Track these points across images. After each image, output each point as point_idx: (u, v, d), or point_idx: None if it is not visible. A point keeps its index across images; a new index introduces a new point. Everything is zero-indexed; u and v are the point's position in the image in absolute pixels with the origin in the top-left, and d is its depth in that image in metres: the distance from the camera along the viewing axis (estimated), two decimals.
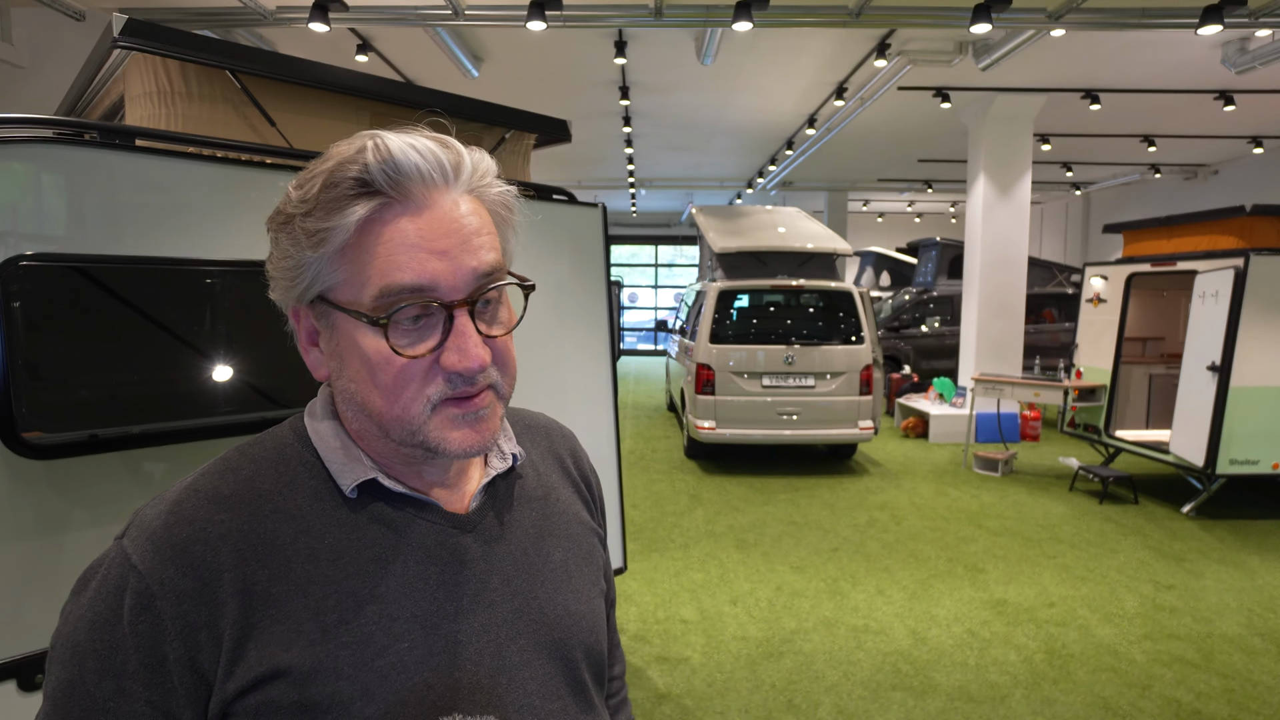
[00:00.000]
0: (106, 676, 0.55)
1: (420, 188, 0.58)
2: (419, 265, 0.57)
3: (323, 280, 0.59)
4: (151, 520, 0.59)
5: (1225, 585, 4.06)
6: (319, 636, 0.58)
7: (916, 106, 8.11)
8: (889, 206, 16.51)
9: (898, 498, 5.77)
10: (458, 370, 0.58)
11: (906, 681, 3.06)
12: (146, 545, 0.57)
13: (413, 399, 0.59)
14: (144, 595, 0.55)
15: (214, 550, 0.58)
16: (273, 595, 0.58)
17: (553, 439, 0.83)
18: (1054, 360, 8.07)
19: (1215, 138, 9.64)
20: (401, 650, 0.60)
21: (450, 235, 0.58)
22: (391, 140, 0.57)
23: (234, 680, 0.56)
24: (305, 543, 0.60)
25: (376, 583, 0.61)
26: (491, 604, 0.65)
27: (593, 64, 6.89)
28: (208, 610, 0.56)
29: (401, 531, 0.63)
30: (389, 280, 0.56)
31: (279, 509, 0.61)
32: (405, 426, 0.60)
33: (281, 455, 0.64)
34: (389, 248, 0.57)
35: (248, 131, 1.76)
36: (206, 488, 0.61)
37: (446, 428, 0.60)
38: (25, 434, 1.23)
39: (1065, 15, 5.00)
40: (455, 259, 0.58)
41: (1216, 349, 5.00)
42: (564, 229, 2.42)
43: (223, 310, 1.50)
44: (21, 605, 1.29)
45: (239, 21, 5.26)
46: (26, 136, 1.31)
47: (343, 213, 0.56)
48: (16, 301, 1.22)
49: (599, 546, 0.81)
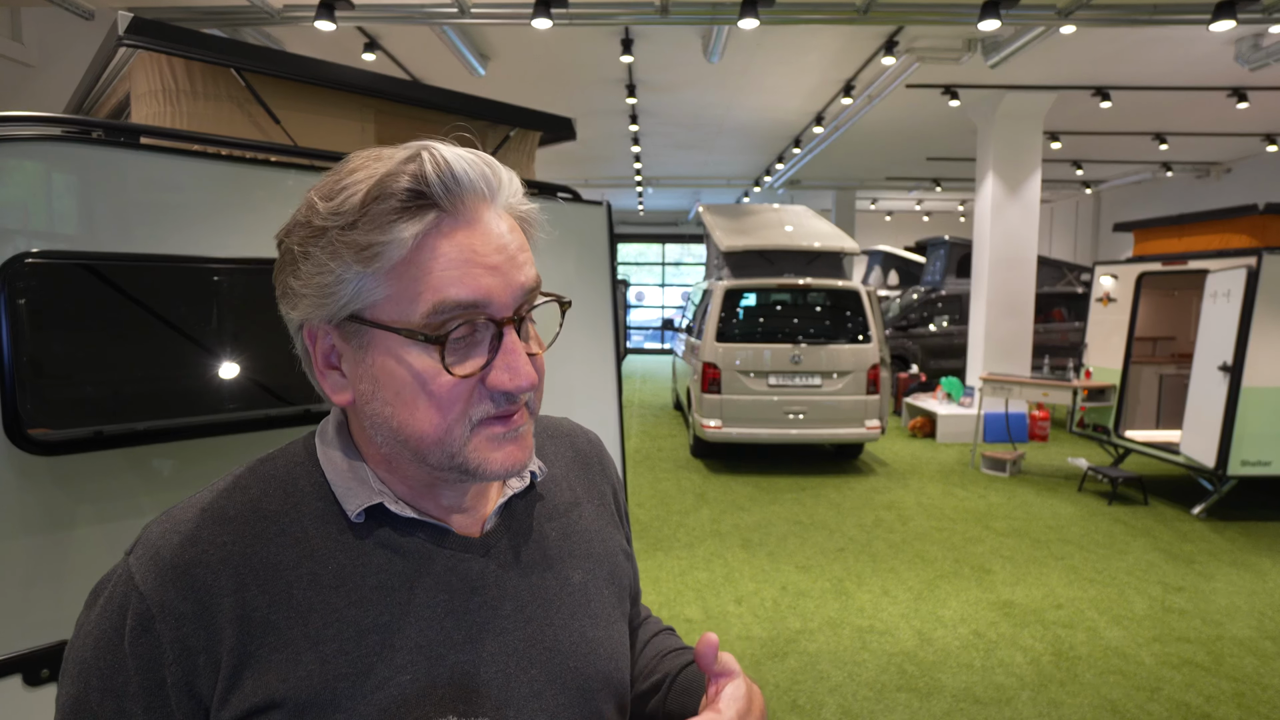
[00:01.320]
0: (109, 696, 0.55)
1: (473, 201, 0.56)
2: (474, 281, 0.55)
3: (362, 298, 0.55)
4: (157, 539, 0.58)
5: (1236, 588, 4.03)
6: (317, 667, 0.56)
7: (925, 104, 8.07)
8: (897, 205, 16.43)
9: (904, 498, 5.75)
10: (508, 389, 0.56)
11: (912, 683, 3.04)
12: (150, 565, 0.56)
13: (457, 420, 0.57)
14: (144, 617, 0.55)
15: (215, 574, 0.57)
16: (271, 622, 0.57)
17: (577, 446, 0.80)
18: (1063, 360, 8.03)
19: (1228, 135, 9.54)
20: (404, 683, 0.58)
21: (500, 251, 0.56)
22: (447, 151, 0.56)
23: (229, 709, 0.55)
24: (308, 568, 0.59)
25: (380, 611, 0.59)
26: (502, 632, 0.63)
27: (599, 62, 6.88)
28: (206, 635, 0.55)
29: (409, 557, 0.61)
30: (443, 296, 0.54)
31: (284, 532, 0.59)
32: (445, 449, 0.57)
33: (291, 475, 0.63)
34: (443, 263, 0.54)
35: (253, 129, 1.76)
36: (213, 507, 0.60)
37: (487, 448, 0.58)
38: (31, 430, 1.24)
39: (1075, 12, 4.96)
40: (506, 275, 0.56)
41: (1228, 349, 4.95)
42: (568, 227, 2.42)
43: (226, 307, 1.50)
44: (27, 600, 1.30)
45: (246, 20, 5.28)
46: (33, 134, 1.31)
47: (397, 226, 0.53)
48: (22, 298, 1.23)
49: (624, 563, 0.77)
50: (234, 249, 1.50)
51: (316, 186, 0.58)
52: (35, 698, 1.27)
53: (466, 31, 6.06)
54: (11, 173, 1.29)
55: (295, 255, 0.57)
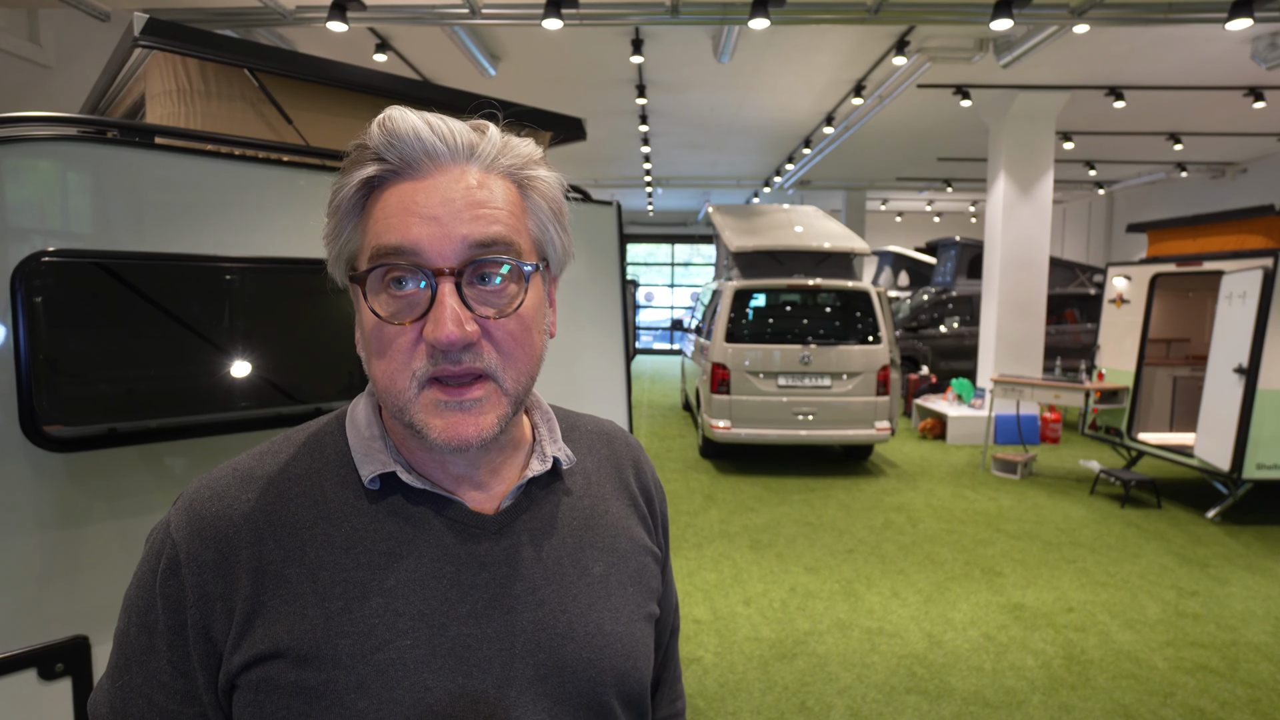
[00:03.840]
0: (143, 631, 0.60)
1: (425, 159, 0.58)
2: (405, 229, 0.57)
3: (347, 249, 0.62)
4: (193, 493, 0.63)
5: (1251, 592, 3.98)
6: (321, 622, 0.59)
7: (936, 104, 8.03)
8: (908, 205, 16.35)
9: (914, 499, 5.72)
10: (430, 340, 0.56)
11: (921, 685, 3.03)
12: (184, 516, 0.62)
13: (399, 370, 0.58)
14: (173, 562, 0.60)
15: (236, 527, 0.61)
16: (284, 576, 0.60)
17: (614, 447, 0.79)
18: (1075, 361, 7.96)
19: (1244, 135, 9.44)
20: (403, 647, 0.59)
21: (446, 204, 0.57)
22: (398, 112, 0.59)
23: (239, 654, 0.58)
24: (323, 529, 0.62)
25: (385, 576, 0.61)
26: (511, 610, 0.63)
27: (610, 62, 6.89)
28: (224, 583, 0.59)
29: (418, 526, 0.63)
30: (378, 241, 0.58)
31: (305, 493, 0.63)
32: (396, 401, 0.59)
33: (320, 442, 0.66)
34: (384, 211, 0.58)
35: (265, 129, 1.77)
36: (244, 467, 0.64)
37: (430, 412, 0.58)
38: (46, 427, 1.25)
39: (1088, 11, 4.91)
40: (445, 225, 0.56)
41: (1243, 351, 4.89)
42: (578, 227, 2.42)
43: (239, 306, 1.51)
44: (41, 596, 1.31)
45: (259, 21, 5.32)
46: (49, 135, 1.33)
47: (348, 174, 0.60)
48: (38, 297, 1.24)
49: (652, 566, 0.75)
50: (247, 248, 1.51)
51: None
52: (49, 692, 1.28)
53: (477, 32, 6.08)
54: (28, 172, 1.30)
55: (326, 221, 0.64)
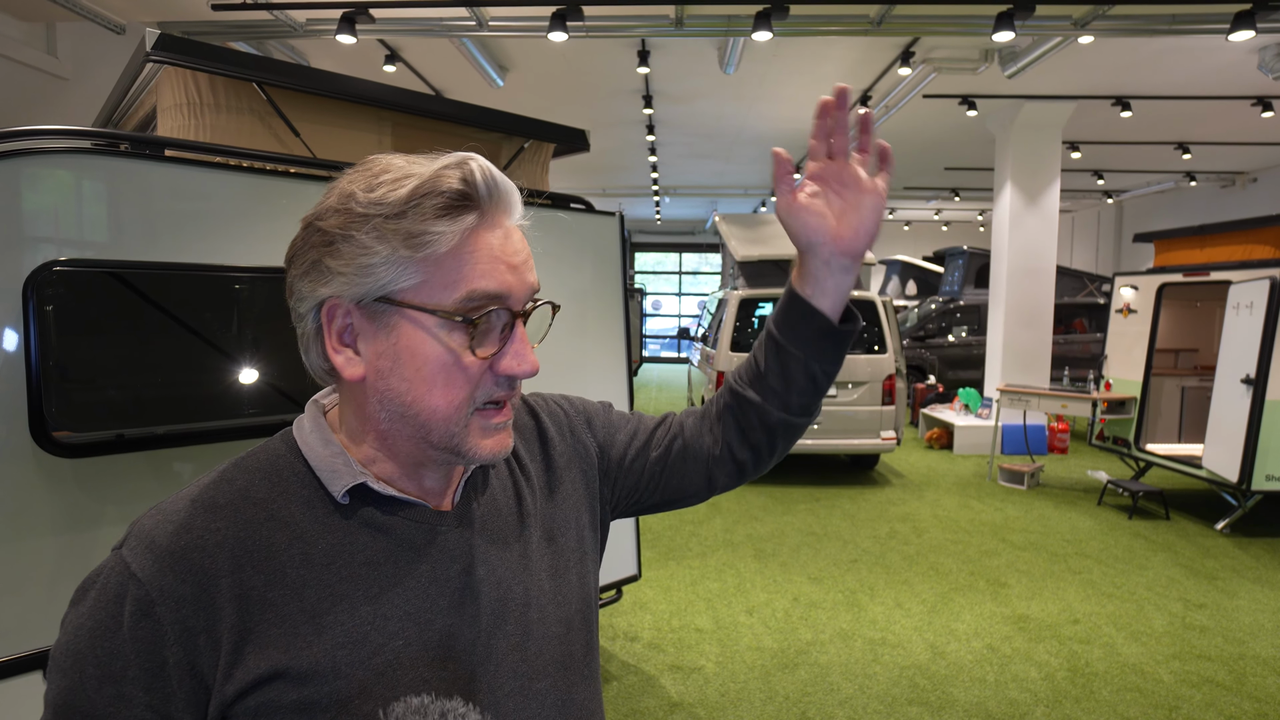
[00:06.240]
0: (107, 683, 0.57)
1: (505, 208, 0.65)
2: (500, 276, 0.63)
3: (397, 281, 0.60)
4: (150, 530, 0.61)
5: (1260, 605, 3.94)
6: (315, 638, 0.60)
7: (942, 114, 8.03)
8: (915, 215, 16.33)
9: (920, 509, 5.70)
10: (515, 374, 0.64)
11: (923, 696, 3.01)
12: (145, 554, 0.59)
13: (466, 400, 0.63)
14: (144, 602, 0.57)
15: (211, 557, 0.60)
16: (269, 600, 0.60)
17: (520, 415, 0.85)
18: (1083, 371, 7.92)
19: (1253, 144, 9.40)
20: (397, 648, 0.63)
21: (519, 254, 0.65)
22: (487, 164, 0.64)
23: (233, 682, 0.58)
24: (299, 549, 0.63)
25: (369, 584, 0.64)
26: (479, 595, 0.68)
27: (616, 73, 6.94)
28: (206, 615, 0.58)
29: (392, 533, 0.66)
30: (475, 286, 0.61)
31: (273, 516, 0.63)
32: (449, 427, 0.63)
33: (274, 466, 0.66)
34: (478, 256, 0.62)
35: (273, 142, 1.81)
36: (202, 498, 0.63)
37: (480, 435, 0.65)
38: (55, 433, 1.28)
39: (1092, 22, 4.92)
40: (522, 275, 0.65)
41: (1251, 361, 4.86)
42: (581, 238, 2.45)
43: (246, 314, 1.54)
44: (50, 598, 1.34)
45: (271, 34, 5.40)
46: (63, 147, 1.36)
47: (444, 220, 0.60)
48: (50, 305, 1.27)
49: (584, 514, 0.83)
50: (255, 258, 1.54)
51: (347, 178, 0.64)
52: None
53: (485, 44, 6.15)
54: (42, 183, 1.33)
55: (333, 236, 0.61)
